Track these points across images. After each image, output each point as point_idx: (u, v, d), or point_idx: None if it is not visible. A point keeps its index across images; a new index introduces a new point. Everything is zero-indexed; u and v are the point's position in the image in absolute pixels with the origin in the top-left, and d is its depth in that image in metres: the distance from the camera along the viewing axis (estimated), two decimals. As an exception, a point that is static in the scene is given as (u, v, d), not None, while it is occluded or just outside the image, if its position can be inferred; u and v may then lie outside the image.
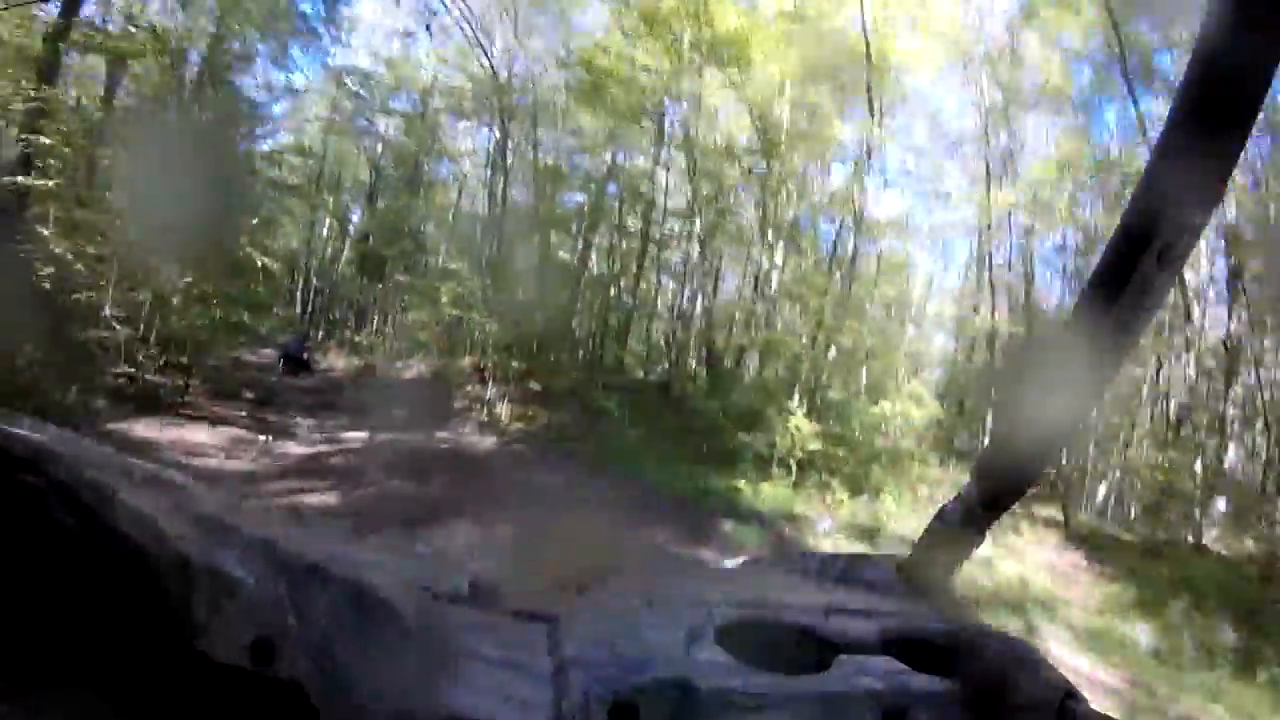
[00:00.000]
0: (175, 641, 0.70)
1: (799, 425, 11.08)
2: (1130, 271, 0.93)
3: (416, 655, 0.72)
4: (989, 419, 11.66)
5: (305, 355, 15.00)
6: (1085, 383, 1.00)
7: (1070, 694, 0.82)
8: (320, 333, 20.04)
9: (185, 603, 0.70)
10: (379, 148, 20.66)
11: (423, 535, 6.61)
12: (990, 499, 1.04)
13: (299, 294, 21.55)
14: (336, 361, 17.18)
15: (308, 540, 0.92)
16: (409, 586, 0.82)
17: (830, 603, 0.95)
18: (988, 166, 13.81)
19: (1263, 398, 10.93)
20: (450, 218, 20.50)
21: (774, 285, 13.87)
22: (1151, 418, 12.94)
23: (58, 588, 0.72)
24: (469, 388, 13.60)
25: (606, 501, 8.52)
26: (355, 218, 22.22)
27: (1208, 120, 0.87)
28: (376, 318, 19.61)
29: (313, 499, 7.40)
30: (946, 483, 10.18)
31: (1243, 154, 0.97)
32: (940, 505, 1.07)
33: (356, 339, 18.29)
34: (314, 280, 22.04)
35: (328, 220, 22.11)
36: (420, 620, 0.75)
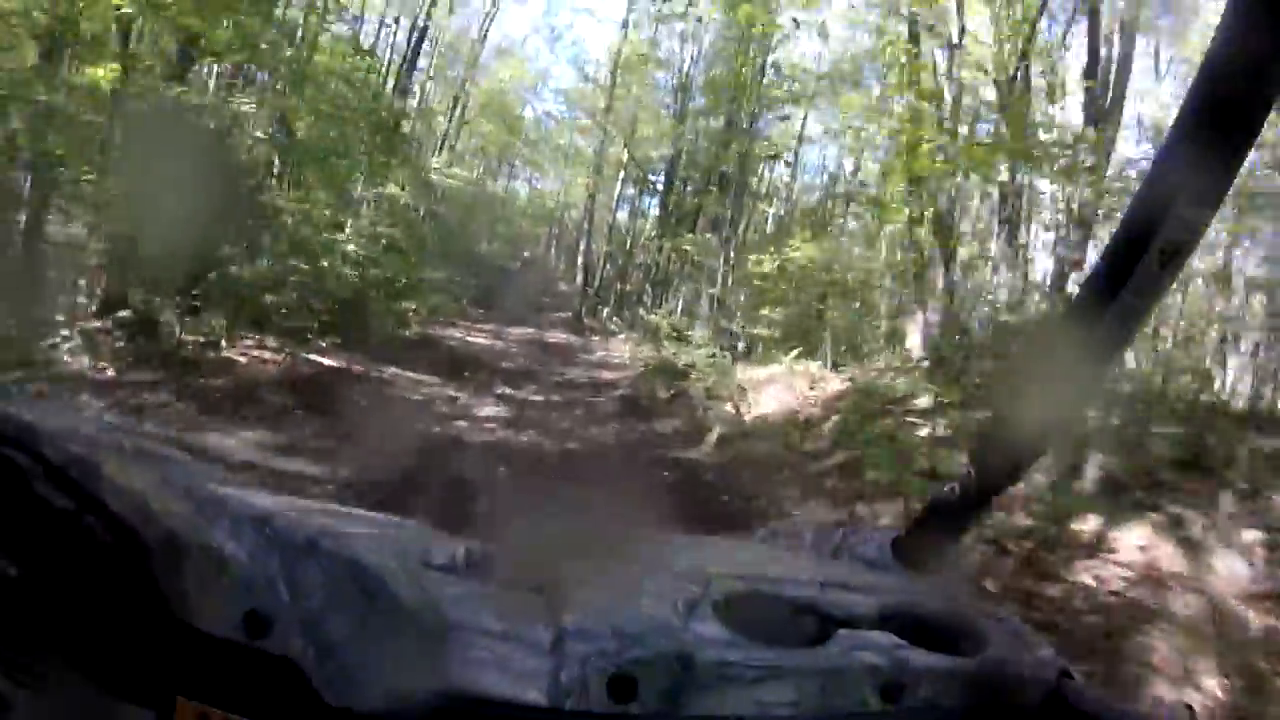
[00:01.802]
0: (167, 618, 0.70)
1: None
2: (1130, 270, 0.94)
3: (412, 629, 0.72)
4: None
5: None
6: (1082, 375, 1.02)
7: (1065, 672, 0.84)
8: (605, 310, 19.32)
9: (175, 578, 0.70)
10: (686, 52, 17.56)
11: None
12: (986, 482, 1.07)
13: (580, 258, 20.98)
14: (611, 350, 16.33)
15: (303, 512, 0.92)
16: (405, 558, 0.82)
17: (828, 577, 0.95)
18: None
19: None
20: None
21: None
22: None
23: (45, 566, 0.72)
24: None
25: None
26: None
27: (1216, 122, 0.88)
28: (685, 289, 17.38)
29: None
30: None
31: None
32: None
33: (654, 317, 15.49)
34: (598, 243, 20.50)
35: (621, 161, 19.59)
36: (416, 593, 0.74)
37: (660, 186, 19.58)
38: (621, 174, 20.42)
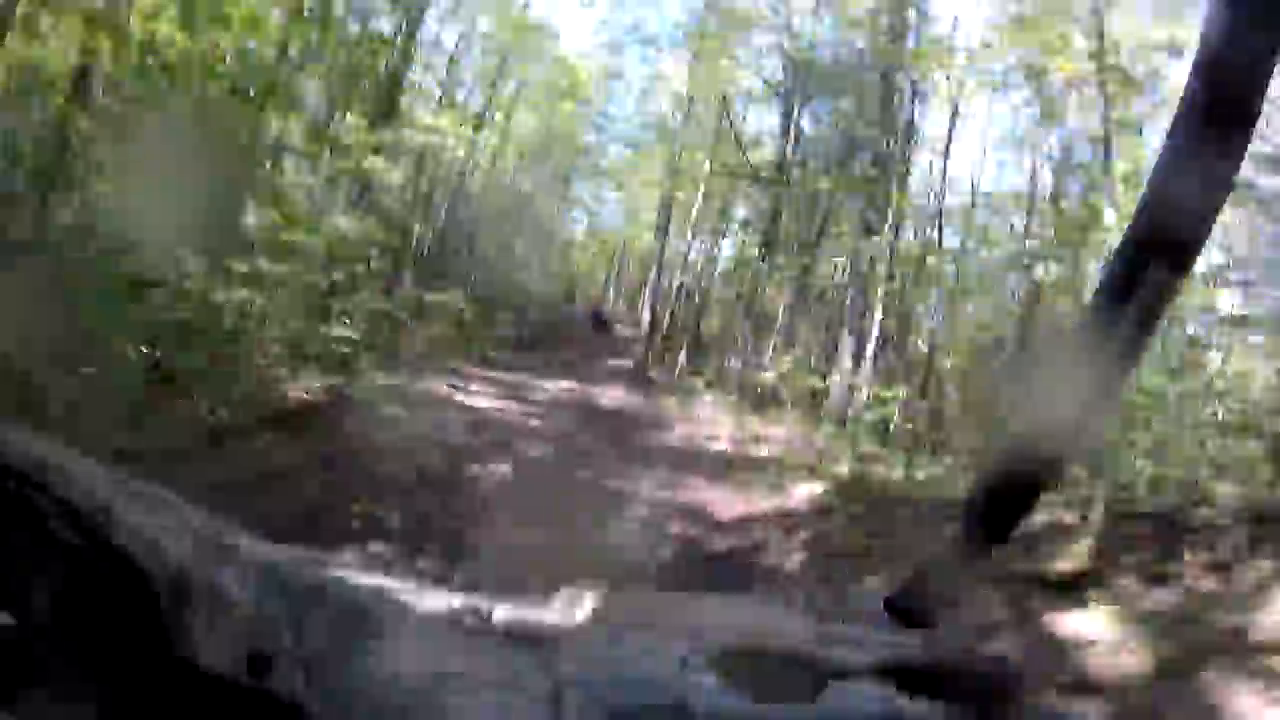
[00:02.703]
0: (172, 656, 0.71)
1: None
2: (1140, 277, 0.91)
3: (413, 675, 0.72)
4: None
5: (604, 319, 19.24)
6: (1096, 392, 0.97)
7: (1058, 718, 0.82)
8: (679, 357, 14.33)
9: (182, 618, 0.71)
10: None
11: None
12: (995, 517, 1.03)
13: (645, 294, 17.95)
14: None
15: (307, 562, 0.94)
16: (407, 608, 0.83)
17: (821, 633, 0.96)
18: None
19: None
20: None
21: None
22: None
23: (55, 601, 0.73)
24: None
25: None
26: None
27: (1213, 121, 0.86)
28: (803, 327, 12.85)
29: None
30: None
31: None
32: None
33: (784, 363, 11.04)
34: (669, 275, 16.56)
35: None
36: (417, 640, 0.76)
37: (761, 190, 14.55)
38: (701, 189, 16.15)
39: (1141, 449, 5.27)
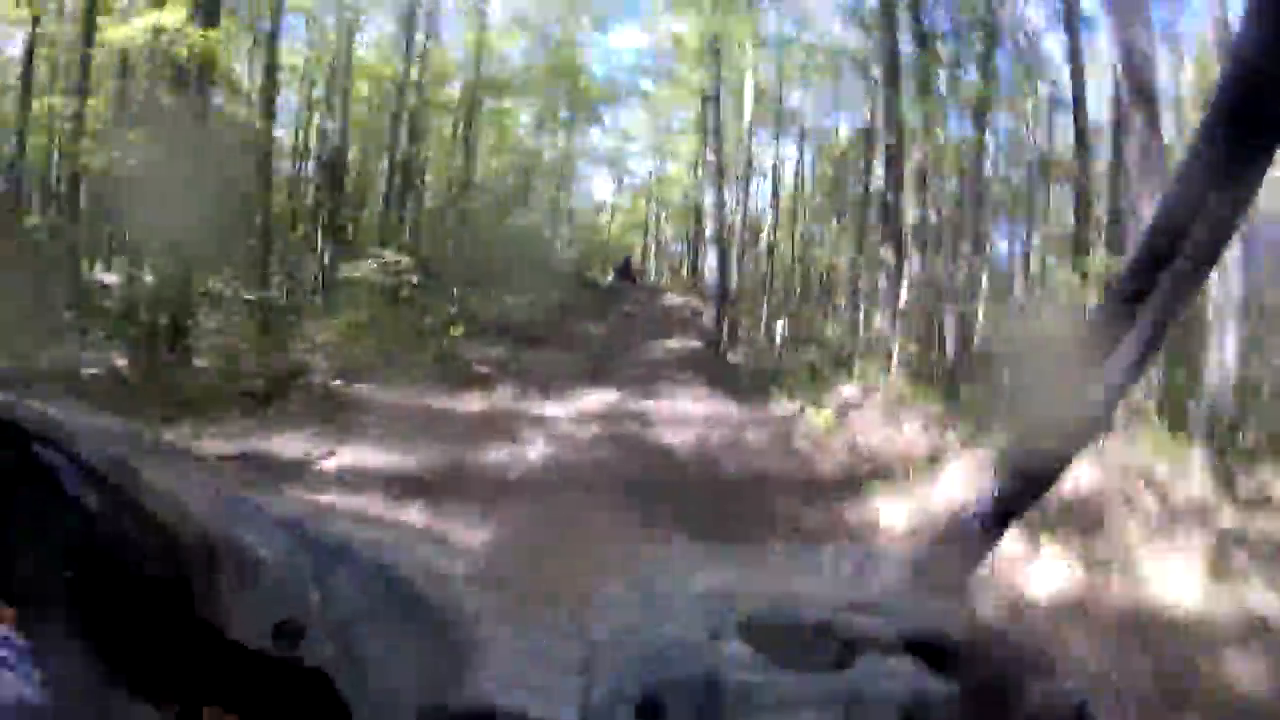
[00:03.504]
0: (198, 624, 0.70)
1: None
2: (1160, 272, 0.93)
3: (443, 642, 0.71)
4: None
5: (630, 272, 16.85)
6: (1110, 383, 1.01)
7: (1085, 702, 0.83)
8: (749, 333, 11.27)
9: (209, 582, 0.70)
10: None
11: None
12: (1013, 497, 1.07)
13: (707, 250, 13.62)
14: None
15: (333, 518, 0.91)
16: (434, 569, 0.81)
17: (849, 599, 0.95)
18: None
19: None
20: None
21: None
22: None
23: (73, 566, 0.71)
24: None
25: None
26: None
27: (1242, 124, 0.88)
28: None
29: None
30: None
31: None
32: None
33: None
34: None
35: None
36: (445, 606, 0.73)
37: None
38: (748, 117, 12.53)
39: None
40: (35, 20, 8.72)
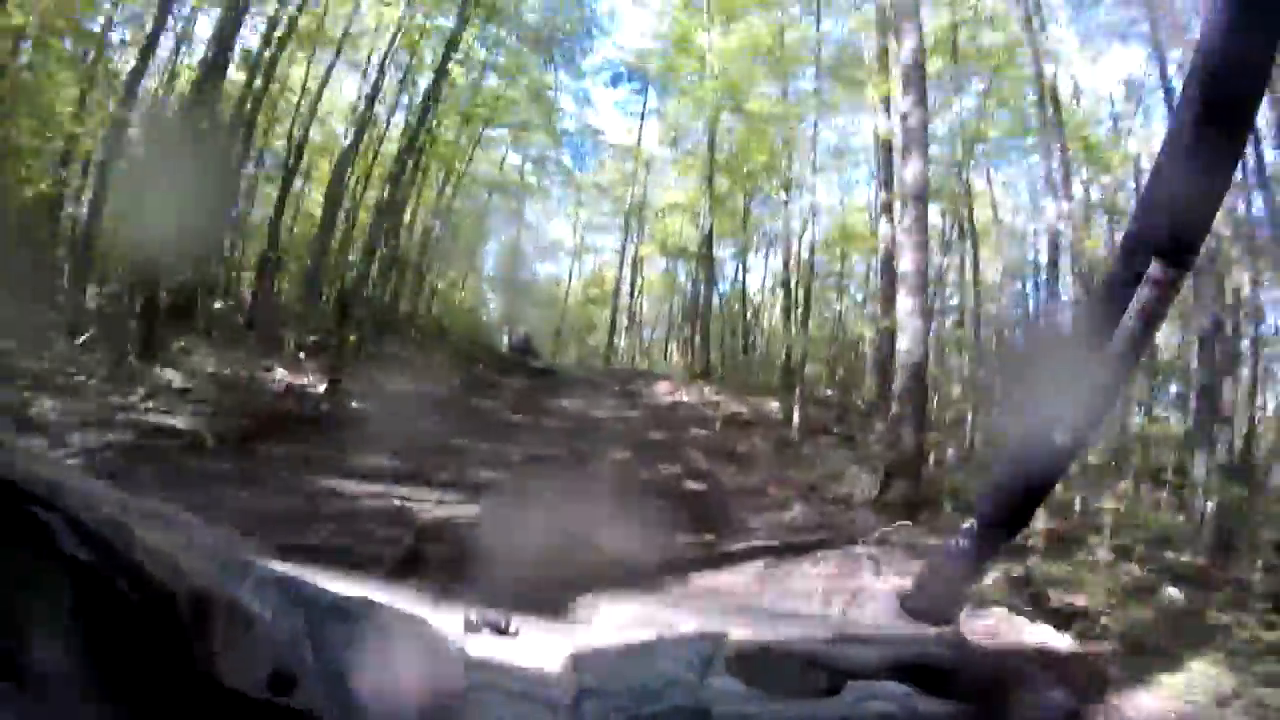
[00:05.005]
0: (194, 675, 0.70)
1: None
2: (1140, 273, 0.93)
3: (436, 688, 0.72)
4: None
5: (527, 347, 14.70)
6: (1096, 393, 0.99)
7: (1074, 714, 0.83)
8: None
9: (202, 635, 0.71)
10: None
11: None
12: (1002, 518, 1.04)
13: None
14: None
15: (326, 578, 0.93)
16: (426, 622, 0.83)
17: (840, 631, 0.97)
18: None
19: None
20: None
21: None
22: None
23: (69, 622, 0.72)
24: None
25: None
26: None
27: (1214, 121, 0.88)
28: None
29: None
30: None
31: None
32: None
33: None
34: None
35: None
36: (439, 654, 0.76)
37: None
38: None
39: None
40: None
